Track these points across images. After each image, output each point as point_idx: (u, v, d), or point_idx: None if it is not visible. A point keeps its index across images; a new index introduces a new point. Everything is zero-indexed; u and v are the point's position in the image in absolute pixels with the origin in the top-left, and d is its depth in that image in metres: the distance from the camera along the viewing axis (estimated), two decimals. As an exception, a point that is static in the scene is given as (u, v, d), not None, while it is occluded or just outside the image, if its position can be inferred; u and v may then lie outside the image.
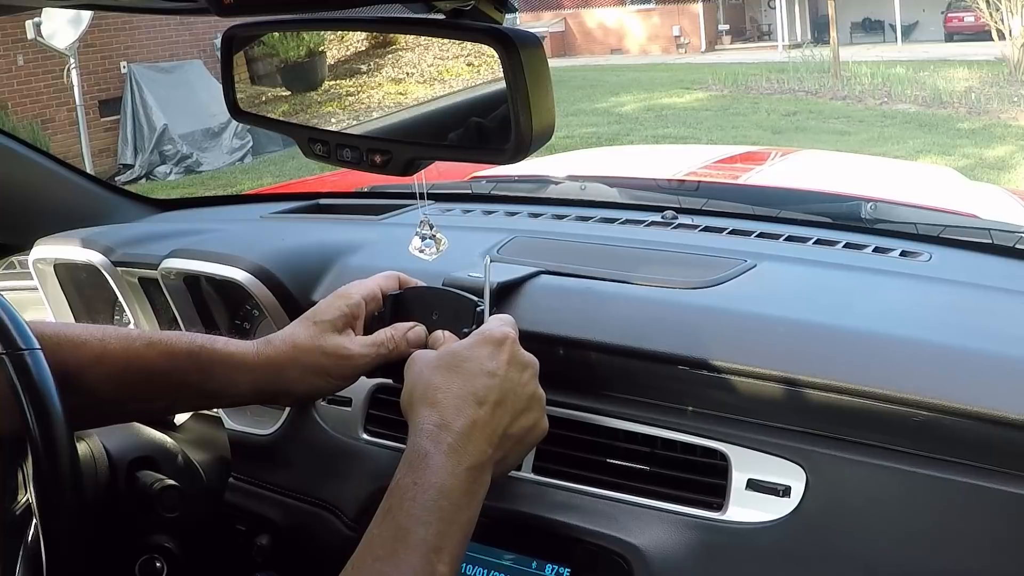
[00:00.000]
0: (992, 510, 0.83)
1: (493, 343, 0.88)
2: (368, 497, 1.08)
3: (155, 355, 0.94)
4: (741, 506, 0.92)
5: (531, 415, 0.88)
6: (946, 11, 19.73)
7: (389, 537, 0.77)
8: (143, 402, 0.97)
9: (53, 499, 0.78)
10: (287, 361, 0.95)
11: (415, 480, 0.79)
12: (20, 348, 0.79)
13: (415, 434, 0.83)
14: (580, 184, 1.74)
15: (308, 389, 0.98)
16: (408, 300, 1.00)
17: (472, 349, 0.87)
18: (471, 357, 0.87)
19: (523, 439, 0.88)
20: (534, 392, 0.89)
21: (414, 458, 0.81)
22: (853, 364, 0.89)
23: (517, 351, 0.89)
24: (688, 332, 0.98)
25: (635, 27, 21.86)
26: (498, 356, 0.87)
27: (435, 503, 0.78)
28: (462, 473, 0.80)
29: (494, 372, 0.86)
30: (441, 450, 0.81)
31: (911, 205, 1.80)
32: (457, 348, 0.88)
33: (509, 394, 0.86)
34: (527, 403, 0.88)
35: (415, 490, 0.79)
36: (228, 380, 0.96)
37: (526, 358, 0.90)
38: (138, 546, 1.10)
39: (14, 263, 1.59)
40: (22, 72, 10.07)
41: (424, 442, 0.81)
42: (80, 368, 0.92)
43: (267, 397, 1.00)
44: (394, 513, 0.78)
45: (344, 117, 0.85)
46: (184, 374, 0.95)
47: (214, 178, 10.03)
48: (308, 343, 0.95)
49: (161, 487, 1.10)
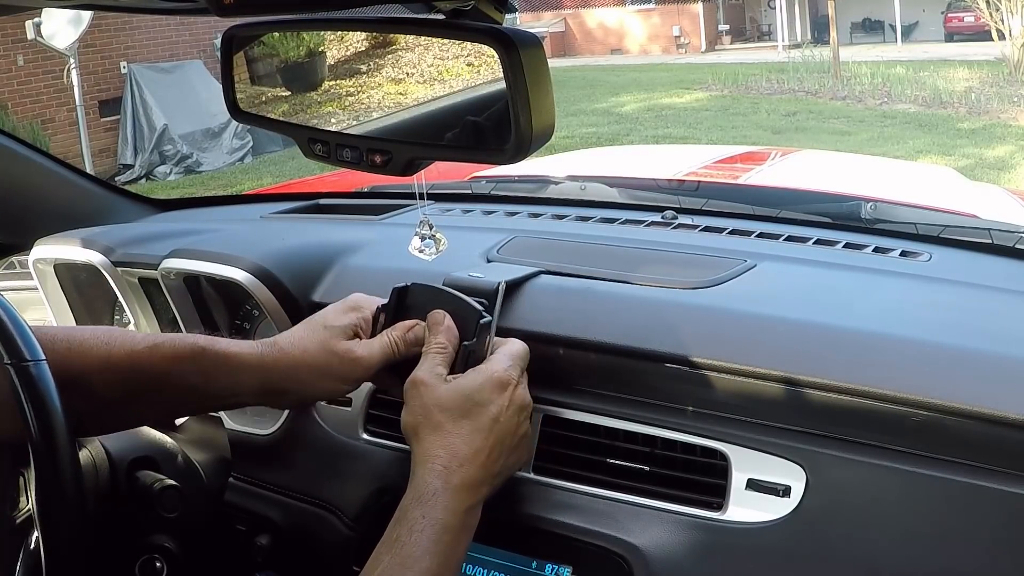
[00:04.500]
0: (992, 510, 0.83)
1: (499, 387, 0.92)
2: (368, 497, 1.08)
3: (159, 358, 0.95)
4: (741, 506, 0.92)
5: (517, 453, 0.95)
6: (946, 11, 19.74)
7: (397, 564, 0.83)
8: (147, 406, 0.98)
9: (54, 512, 0.78)
10: (296, 363, 0.96)
11: (424, 514, 0.85)
12: (26, 359, 0.79)
13: (424, 470, 0.88)
14: (580, 184, 1.74)
15: (315, 392, 0.99)
16: (413, 295, 1.00)
17: (480, 392, 0.91)
18: (479, 401, 0.91)
19: (507, 474, 0.94)
20: (525, 432, 0.95)
21: (425, 494, 0.87)
22: (853, 364, 0.89)
23: (518, 395, 0.93)
24: (688, 332, 0.98)
25: (635, 27, 21.86)
26: (502, 401, 0.92)
27: (440, 537, 0.85)
28: (462, 512, 0.87)
29: (496, 418, 0.91)
30: (448, 490, 0.87)
31: (911, 205, 1.80)
32: (466, 389, 0.91)
33: (505, 437, 0.92)
34: (517, 443, 0.94)
35: (423, 523, 0.85)
36: (231, 382, 0.96)
37: (524, 400, 0.94)
38: (138, 546, 1.10)
39: (14, 263, 1.59)
40: (22, 72, 10.07)
41: (434, 480, 0.87)
42: (86, 374, 0.92)
43: (271, 399, 1.01)
44: (403, 542, 0.84)
45: (344, 117, 0.85)
46: (188, 377, 0.95)
47: (214, 178, 10.03)
48: (318, 346, 0.97)
49: (161, 487, 1.10)
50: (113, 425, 1.04)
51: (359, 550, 0.96)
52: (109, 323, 1.45)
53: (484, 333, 0.96)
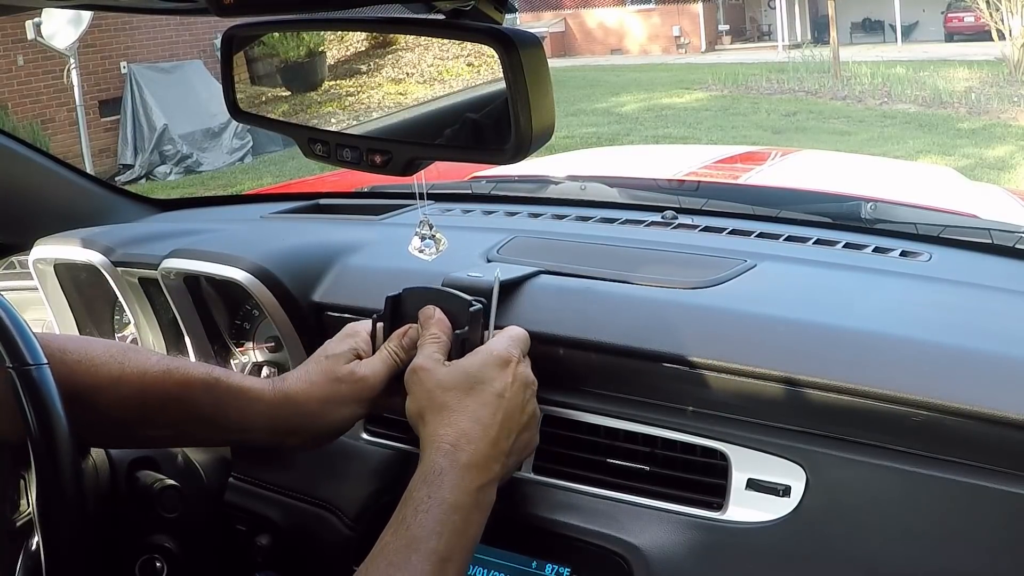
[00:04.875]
0: (992, 510, 0.83)
1: (500, 363, 0.92)
2: (368, 497, 1.08)
3: (172, 383, 0.94)
4: (741, 506, 0.92)
5: (528, 433, 0.94)
6: (946, 11, 19.74)
7: (403, 546, 0.82)
8: (154, 428, 0.97)
9: (55, 514, 0.78)
10: (302, 395, 0.96)
11: (429, 494, 0.84)
12: (28, 363, 0.79)
13: (430, 450, 0.87)
14: (580, 184, 1.74)
15: (328, 423, 0.97)
16: (406, 301, 1.01)
17: (482, 369, 0.91)
18: (481, 378, 0.90)
19: (520, 455, 0.94)
20: (533, 411, 0.94)
21: (430, 474, 0.85)
22: (853, 364, 0.89)
23: (521, 371, 0.93)
24: (688, 332, 0.98)
25: (635, 27, 21.86)
26: (505, 377, 0.91)
27: (447, 517, 0.83)
28: (472, 491, 0.86)
29: (501, 393, 0.90)
30: (455, 469, 0.86)
31: (911, 205, 1.80)
32: (467, 368, 0.91)
33: (513, 414, 0.91)
34: (527, 422, 0.93)
35: (429, 503, 0.83)
36: (241, 415, 0.96)
37: (528, 377, 0.94)
38: (138, 546, 1.10)
39: (14, 263, 1.59)
40: (22, 72, 10.07)
41: (440, 459, 0.86)
42: (96, 388, 0.92)
43: (282, 435, 0.98)
44: (408, 523, 0.83)
45: (344, 117, 0.85)
46: (198, 405, 0.95)
47: (214, 178, 10.02)
48: (322, 376, 0.97)
49: (161, 487, 1.10)
50: (118, 443, 1.04)
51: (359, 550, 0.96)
52: (109, 323, 1.45)
53: (476, 320, 0.96)
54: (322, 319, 1.16)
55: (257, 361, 1.27)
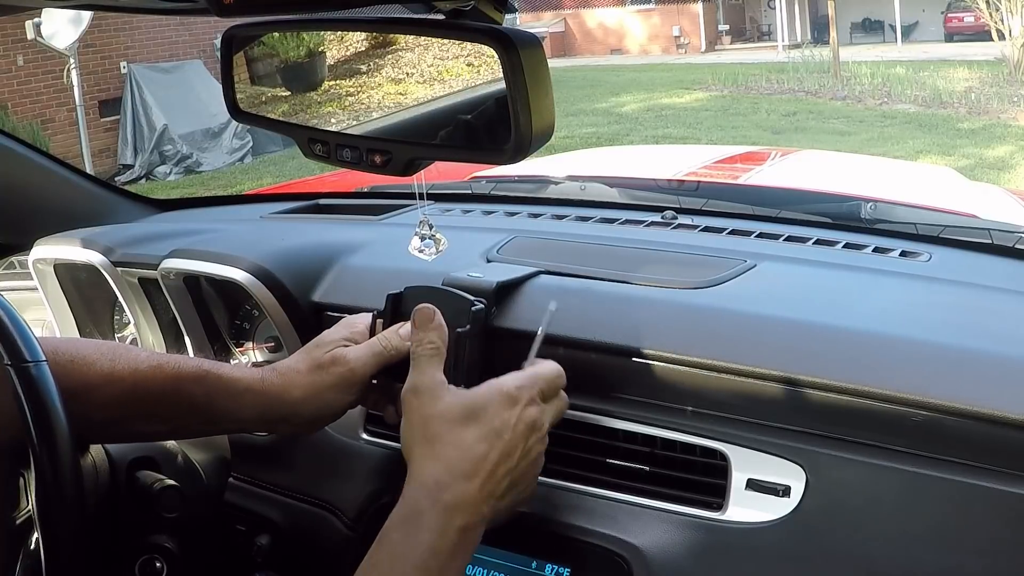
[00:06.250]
0: (992, 510, 0.83)
1: (506, 401, 0.85)
2: (368, 497, 1.08)
3: (163, 377, 0.95)
4: (741, 506, 0.92)
5: (527, 479, 0.87)
6: (946, 11, 19.75)
7: None
8: (148, 423, 0.98)
9: (54, 513, 0.78)
10: (287, 383, 0.96)
11: (406, 536, 0.79)
12: (26, 360, 0.79)
13: (412, 486, 0.82)
14: (580, 184, 1.74)
15: (315, 409, 0.97)
16: (408, 299, 1.01)
17: (485, 404, 0.85)
18: (482, 413, 0.84)
19: (514, 500, 0.87)
20: (536, 458, 0.87)
21: (408, 514, 0.80)
22: (853, 364, 0.89)
23: (528, 414, 0.86)
24: (688, 332, 0.98)
25: (635, 27, 21.86)
26: (507, 416, 0.85)
27: (424, 563, 0.78)
28: (453, 533, 0.79)
29: (500, 432, 0.84)
30: (437, 509, 0.80)
31: (911, 205, 1.80)
32: (469, 398, 0.86)
33: (511, 455, 0.84)
34: (527, 468, 0.86)
35: (404, 547, 0.78)
36: (233, 405, 0.96)
37: (537, 422, 0.87)
38: (138, 546, 1.10)
39: (14, 263, 1.59)
40: (22, 72, 10.06)
41: (421, 499, 0.80)
42: (88, 388, 0.92)
43: (271, 422, 1.00)
44: (382, 571, 0.78)
45: (344, 117, 0.85)
46: (190, 398, 0.95)
47: (214, 178, 10.02)
48: (309, 363, 0.97)
49: (161, 487, 1.10)
50: (114, 438, 1.05)
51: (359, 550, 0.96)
52: (109, 323, 1.45)
53: (478, 321, 0.96)
54: (322, 319, 1.16)
55: (257, 361, 1.27)
